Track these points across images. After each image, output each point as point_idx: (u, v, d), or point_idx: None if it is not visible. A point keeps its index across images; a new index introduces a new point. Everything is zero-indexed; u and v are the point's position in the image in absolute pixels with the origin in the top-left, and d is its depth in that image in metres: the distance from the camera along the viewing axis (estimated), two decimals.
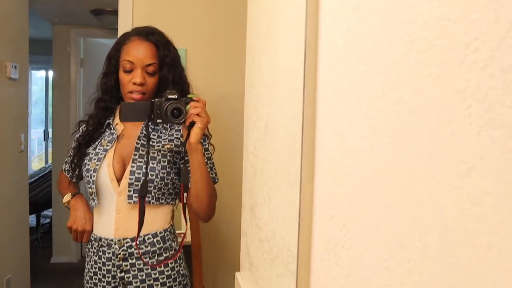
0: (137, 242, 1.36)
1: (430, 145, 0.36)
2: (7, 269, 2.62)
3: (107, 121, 1.45)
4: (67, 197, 1.48)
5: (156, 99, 1.28)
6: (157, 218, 1.41)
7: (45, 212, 5.05)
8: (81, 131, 1.49)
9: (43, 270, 4.01)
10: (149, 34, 1.40)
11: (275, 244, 0.87)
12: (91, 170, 1.38)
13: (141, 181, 1.32)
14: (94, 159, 1.39)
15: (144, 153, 1.36)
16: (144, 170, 1.33)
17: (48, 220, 5.13)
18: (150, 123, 1.36)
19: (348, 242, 0.52)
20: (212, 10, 2.29)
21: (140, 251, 1.38)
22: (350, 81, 0.52)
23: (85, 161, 1.41)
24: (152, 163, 1.35)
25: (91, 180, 1.38)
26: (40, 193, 4.50)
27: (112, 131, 1.44)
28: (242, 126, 1.27)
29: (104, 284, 1.39)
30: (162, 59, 1.39)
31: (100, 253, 1.40)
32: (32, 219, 4.80)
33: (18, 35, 2.80)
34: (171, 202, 1.44)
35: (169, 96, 1.28)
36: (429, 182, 0.36)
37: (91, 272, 1.43)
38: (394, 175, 0.41)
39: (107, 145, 1.40)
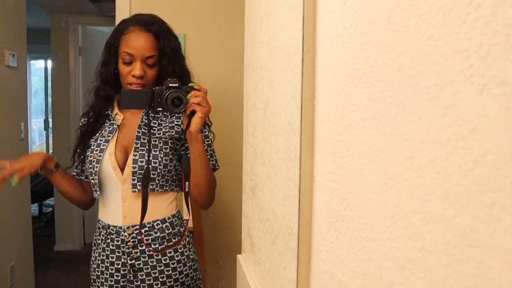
0: (142, 230, 1.36)
1: (431, 109, 0.35)
2: (10, 256, 2.64)
3: (106, 112, 1.44)
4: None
5: (157, 87, 1.27)
6: (163, 205, 1.41)
7: (47, 201, 5.07)
8: (82, 123, 1.48)
9: (46, 258, 4.04)
10: (149, 24, 1.37)
11: (276, 223, 0.86)
12: (93, 161, 1.38)
13: (144, 170, 1.32)
14: (96, 150, 1.39)
15: (145, 141, 1.36)
16: (146, 158, 1.33)
17: (50, 209, 5.15)
18: (150, 111, 1.35)
19: (349, 215, 0.51)
20: None
21: (150, 237, 1.38)
22: (349, 54, 0.52)
23: (87, 153, 1.41)
24: (154, 151, 1.35)
25: (93, 171, 1.37)
26: (42, 182, 4.51)
27: (112, 121, 1.43)
28: (241, 110, 1.26)
29: (113, 271, 1.39)
30: (162, 50, 1.37)
31: (108, 241, 1.40)
32: (35, 208, 4.82)
33: (16, 23, 2.78)
34: (175, 189, 1.43)
35: (170, 85, 1.26)
36: (430, 146, 0.35)
37: (98, 260, 1.43)
38: (395, 143, 0.41)
39: (108, 136, 1.40)
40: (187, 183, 1.28)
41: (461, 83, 0.31)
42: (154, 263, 1.38)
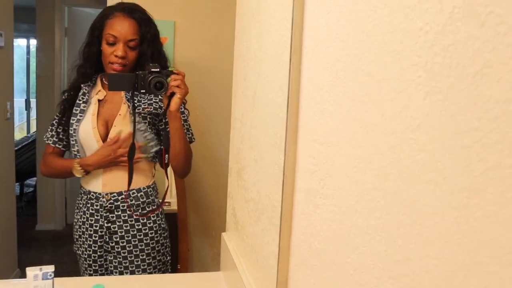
0: (119, 198, 1.52)
1: (391, 107, 0.45)
2: None
3: (84, 86, 1.54)
4: (78, 170, 1.52)
5: (141, 72, 1.38)
6: (139, 175, 1.55)
7: (28, 181, 5.08)
8: (65, 96, 1.57)
9: (28, 237, 4.08)
10: (133, 12, 1.51)
11: (260, 202, 0.96)
12: (77, 131, 1.49)
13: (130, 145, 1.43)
14: (78, 122, 1.51)
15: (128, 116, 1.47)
16: (131, 132, 1.44)
17: (31, 189, 5.16)
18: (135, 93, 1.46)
19: (325, 193, 0.61)
20: None
21: (125, 204, 1.54)
22: (330, 56, 0.61)
23: (72, 123, 1.51)
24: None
25: (76, 138, 1.51)
26: (24, 162, 4.52)
27: (87, 97, 1.54)
28: (228, 96, 1.35)
29: (92, 232, 1.56)
30: (143, 36, 1.51)
31: (89, 205, 1.56)
32: (16, 187, 4.82)
33: (3, 2, 2.78)
34: (153, 160, 1.55)
35: (152, 70, 1.37)
36: (390, 137, 0.45)
37: (80, 222, 1.60)
38: (363, 133, 0.50)
39: (87, 110, 1.52)
40: (166, 156, 1.41)
41: (412, 89, 0.41)
42: (128, 227, 1.55)
